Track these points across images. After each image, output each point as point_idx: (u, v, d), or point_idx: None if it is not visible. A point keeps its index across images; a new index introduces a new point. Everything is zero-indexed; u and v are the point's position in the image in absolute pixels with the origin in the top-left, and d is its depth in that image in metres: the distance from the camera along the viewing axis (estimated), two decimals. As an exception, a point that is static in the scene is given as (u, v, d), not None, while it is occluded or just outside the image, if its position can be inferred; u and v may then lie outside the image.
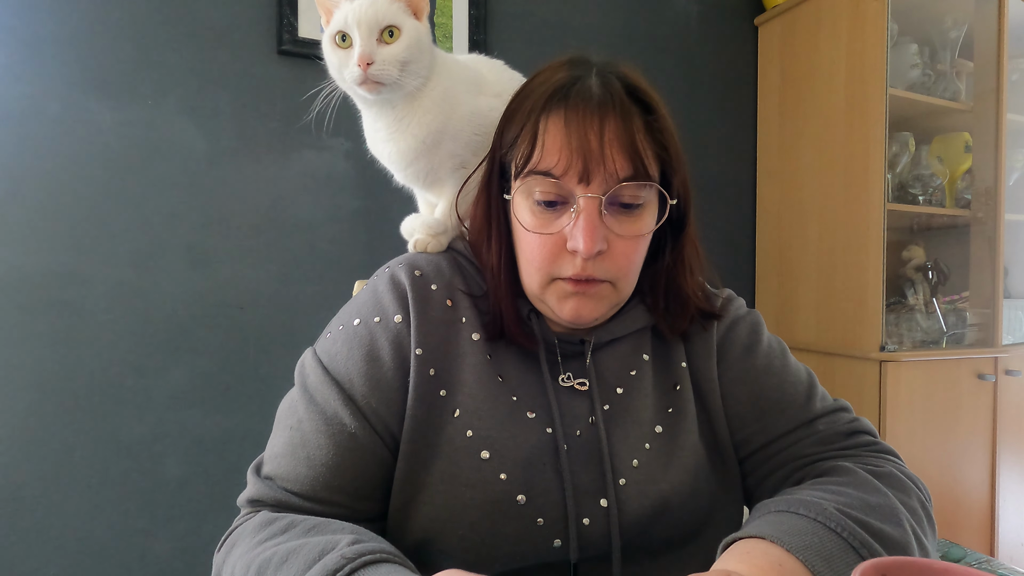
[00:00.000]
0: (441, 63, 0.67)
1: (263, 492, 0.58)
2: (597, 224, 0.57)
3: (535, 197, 0.59)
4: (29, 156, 1.31)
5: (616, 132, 0.56)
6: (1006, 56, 1.87)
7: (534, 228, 0.59)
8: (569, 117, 0.56)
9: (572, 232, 0.57)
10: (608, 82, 0.58)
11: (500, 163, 0.63)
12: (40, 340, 1.32)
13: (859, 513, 0.51)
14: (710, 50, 2.02)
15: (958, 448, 1.76)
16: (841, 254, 1.80)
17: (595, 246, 0.56)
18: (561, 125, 0.57)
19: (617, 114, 0.56)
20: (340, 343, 0.61)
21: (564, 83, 0.58)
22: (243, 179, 1.47)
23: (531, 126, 0.58)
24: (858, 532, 0.49)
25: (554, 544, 0.58)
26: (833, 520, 0.49)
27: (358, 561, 0.45)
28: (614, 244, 0.59)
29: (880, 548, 0.49)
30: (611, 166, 0.56)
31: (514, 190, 0.60)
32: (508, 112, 0.62)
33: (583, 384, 0.64)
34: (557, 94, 0.58)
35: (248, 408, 1.48)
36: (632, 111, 0.58)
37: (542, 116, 0.58)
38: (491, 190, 0.64)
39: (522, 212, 0.60)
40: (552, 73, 0.60)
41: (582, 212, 0.57)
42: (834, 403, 0.68)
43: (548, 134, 0.57)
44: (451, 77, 0.67)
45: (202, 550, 1.44)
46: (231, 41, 1.46)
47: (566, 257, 0.59)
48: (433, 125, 0.64)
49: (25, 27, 1.30)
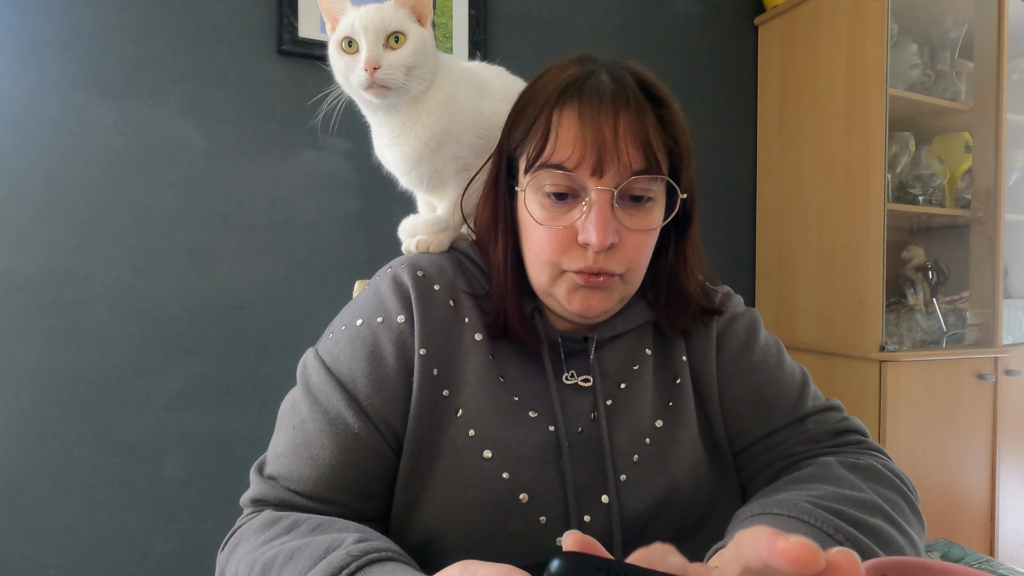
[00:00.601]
0: (445, 68, 0.67)
1: (266, 492, 0.58)
2: (609, 217, 0.57)
3: (546, 190, 0.59)
4: (29, 156, 1.31)
5: (630, 125, 0.57)
6: (1006, 56, 1.87)
7: (544, 221, 0.59)
8: (584, 111, 0.57)
9: (584, 225, 0.57)
10: (620, 77, 0.59)
11: (508, 160, 0.63)
12: (40, 340, 1.32)
13: (832, 503, 0.51)
14: (710, 50, 2.02)
15: (958, 448, 1.76)
16: (841, 254, 1.80)
17: (607, 239, 0.57)
18: (576, 118, 0.57)
19: (631, 108, 0.57)
20: (343, 343, 0.61)
21: (577, 77, 0.59)
22: (243, 179, 1.47)
23: (544, 120, 0.58)
24: (831, 520, 0.49)
25: (556, 542, 0.58)
26: (806, 513, 0.50)
27: (364, 559, 0.46)
28: (625, 237, 0.59)
29: (856, 532, 0.49)
30: (624, 159, 0.56)
31: (524, 183, 0.61)
32: (517, 108, 0.62)
33: (587, 380, 0.64)
34: (570, 88, 0.58)
35: (248, 408, 1.47)
36: (645, 106, 0.58)
37: (555, 110, 0.58)
38: (498, 187, 0.64)
39: (532, 206, 0.60)
40: (562, 70, 0.60)
41: (594, 205, 0.57)
42: (826, 402, 0.68)
43: (562, 127, 0.57)
44: (455, 81, 0.67)
45: (202, 550, 1.44)
46: (231, 41, 1.46)
47: (576, 250, 0.59)
48: (437, 128, 0.65)
49: (25, 27, 1.30)
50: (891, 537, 0.51)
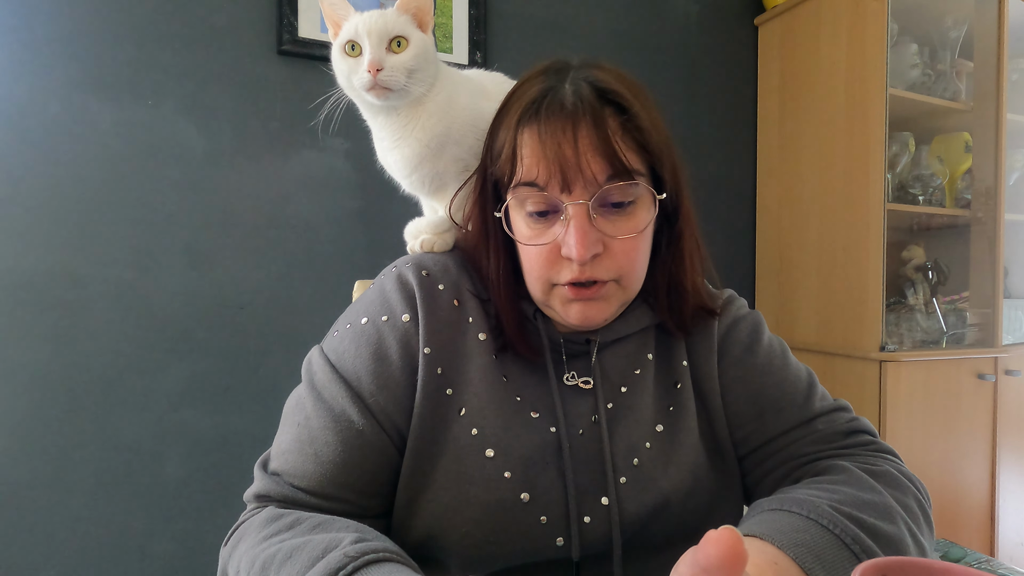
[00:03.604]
0: (445, 74, 0.69)
1: (270, 488, 0.58)
2: (588, 229, 0.57)
3: (528, 209, 0.60)
4: (29, 156, 1.31)
5: (590, 139, 0.56)
6: (1006, 56, 1.87)
7: (529, 240, 0.60)
8: (542, 130, 0.57)
9: (565, 239, 0.58)
10: (579, 89, 0.58)
11: (492, 176, 0.63)
12: (40, 340, 1.32)
13: (852, 510, 0.51)
14: (710, 50, 2.02)
15: (958, 448, 1.76)
16: (841, 254, 1.80)
17: (588, 251, 0.57)
18: (536, 139, 0.57)
19: (588, 120, 0.57)
20: (348, 341, 0.62)
21: (536, 97, 0.59)
22: (243, 179, 1.47)
23: (510, 141, 0.59)
24: (850, 528, 0.49)
25: (556, 542, 0.59)
26: (825, 517, 0.49)
27: (361, 560, 0.46)
28: (611, 244, 0.59)
29: (873, 544, 0.49)
30: (588, 172, 0.56)
31: (507, 203, 0.61)
32: (493, 127, 0.63)
33: (587, 383, 0.64)
34: (529, 109, 0.58)
35: (248, 408, 1.47)
36: (604, 113, 0.58)
37: (518, 131, 0.59)
38: (485, 204, 0.64)
39: (517, 223, 0.61)
40: (529, 86, 0.61)
41: (572, 219, 0.57)
42: (834, 403, 0.68)
43: (525, 148, 0.58)
44: (454, 85, 0.69)
45: (202, 550, 1.44)
46: (231, 41, 1.46)
47: (563, 263, 0.59)
48: (437, 129, 0.66)
49: (25, 27, 1.30)
50: (907, 549, 0.51)
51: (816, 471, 0.61)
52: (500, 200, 0.62)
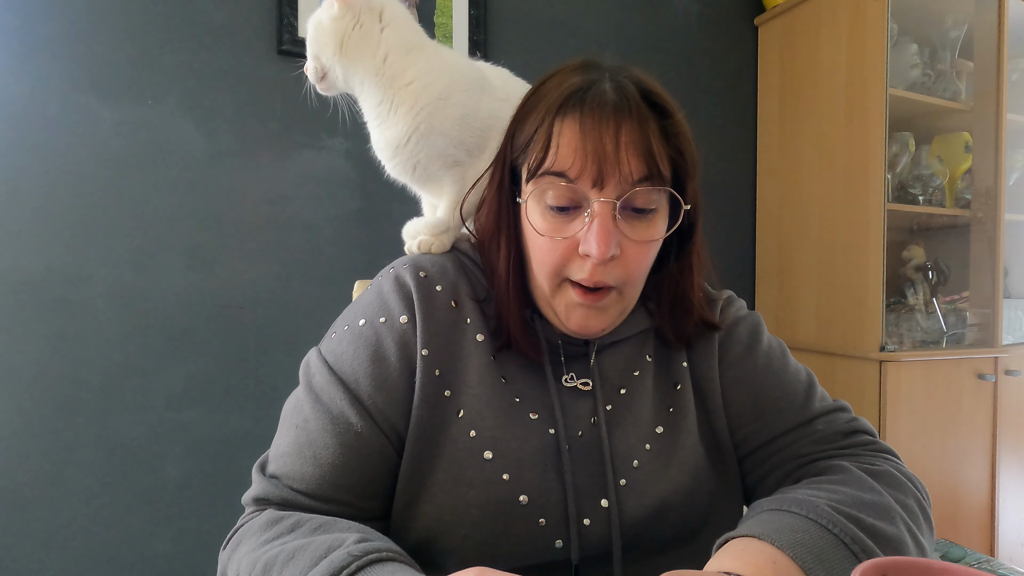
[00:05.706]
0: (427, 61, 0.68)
1: (269, 491, 0.58)
2: (611, 228, 0.57)
3: (548, 202, 0.59)
4: (29, 156, 1.31)
5: (632, 136, 0.56)
6: (1006, 56, 1.87)
7: (546, 232, 0.59)
8: (585, 121, 0.56)
9: (586, 236, 0.57)
10: (623, 86, 0.58)
11: (511, 166, 0.63)
12: (40, 340, 1.32)
13: (852, 510, 0.51)
14: (710, 50, 2.02)
15: (958, 448, 1.76)
16: (841, 254, 1.80)
17: (609, 250, 0.56)
18: (576, 129, 0.56)
19: (633, 118, 0.56)
20: (346, 343, 0.62)
21: (579, 87, 0.58)
22: (243, 179, 1.47)
23: (545, 128, 0.58)
24: (850, 528, 0.49)
25: (556, 544, 0.58)
26: (825, 517, 0.49)
27: (364, 559, 0.46)
28: (626, 249, 0.58)
29: (872, 544, 0.49)
30: (626, 169, 0.56)
31: (526, 194, 0.60)
32: (519, 115, 0.62)
33: (586, 384, 0.64)
34: (572, 97, 0.57)
35: (248, 408, 1.47)
36: (648, 115, 0.57)
37: (556, 119, 0.57)
38: (502, 195, 0.63)
39: (534, 216, 0.60)
40: (565, 77, 0.60)
41: (596, 216, 0.56)
42: (833, 403, 0.68)
43: (563, 137, 0.57)
44: (438, 76, 0.67)
45: (202, 550, 1.44)
46: (231, 41, 1.46)
47: (577, 261, 0.59)
48: (409, 115, 0.66)
49: (25, 27, 1.30)
50: (907, 549, 0.51)
51: (816, 471, 0.61)
52: (519, 191, 0.62)
